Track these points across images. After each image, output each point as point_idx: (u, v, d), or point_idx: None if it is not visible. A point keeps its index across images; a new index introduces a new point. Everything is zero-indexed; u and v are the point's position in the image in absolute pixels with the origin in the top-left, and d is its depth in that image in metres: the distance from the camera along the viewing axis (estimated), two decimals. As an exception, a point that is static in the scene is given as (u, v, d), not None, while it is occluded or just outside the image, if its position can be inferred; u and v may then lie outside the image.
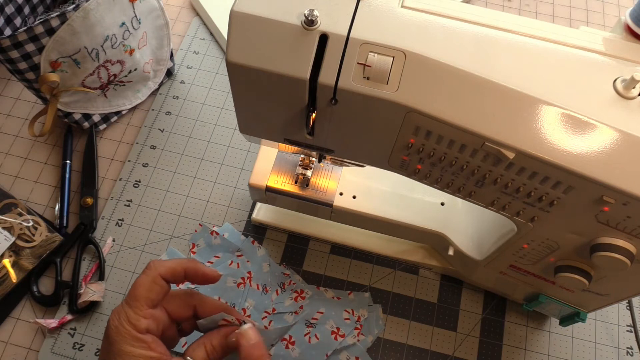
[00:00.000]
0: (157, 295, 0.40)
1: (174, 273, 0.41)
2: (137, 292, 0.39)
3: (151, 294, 0.39)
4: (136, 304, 0.39)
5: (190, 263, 0.42)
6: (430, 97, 0.38)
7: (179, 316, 0.42)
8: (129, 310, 0.38)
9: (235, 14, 0.39)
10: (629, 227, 0.39)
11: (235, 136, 0.72)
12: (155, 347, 0.38)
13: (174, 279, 0.41)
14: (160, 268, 0.40)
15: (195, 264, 0.42)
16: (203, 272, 0.42)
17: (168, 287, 0.41)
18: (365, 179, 0.61)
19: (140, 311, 0.38)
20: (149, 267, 0.40)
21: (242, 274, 0.61)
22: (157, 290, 0.40)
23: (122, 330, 0.38)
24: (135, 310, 0.38)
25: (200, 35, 0.81)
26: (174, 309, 0.42)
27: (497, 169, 0.40)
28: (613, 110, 0.37)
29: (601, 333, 0.61)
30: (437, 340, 0.60)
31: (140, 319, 0.38)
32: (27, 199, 0.67)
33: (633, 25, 0.41)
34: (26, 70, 0.59)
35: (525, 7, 0.86)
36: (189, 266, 0.41)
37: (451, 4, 0.41)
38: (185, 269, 0.41)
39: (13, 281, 0.61)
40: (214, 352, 0.39)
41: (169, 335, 0.42)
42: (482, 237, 0.55)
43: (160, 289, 0.40)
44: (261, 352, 0.39)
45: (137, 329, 0.38)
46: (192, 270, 0.41)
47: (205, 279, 0.42)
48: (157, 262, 0.41)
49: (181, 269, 0.41)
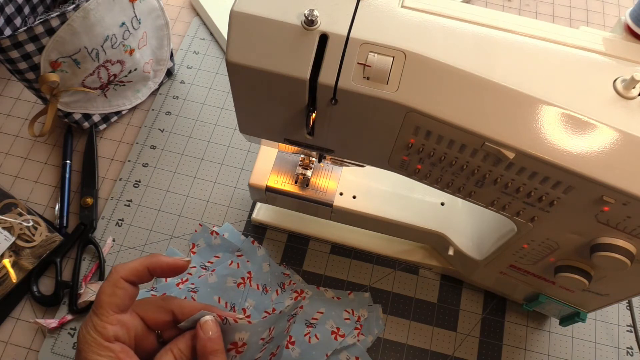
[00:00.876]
0: (122, 300, 0.38)
1: (136, 273, 0.39)
2: (100, 299, 0.38)
3: (115, 299, 0.38)
4: (101, 310, 0.37)
5: (151, 259, 0.40)
6: (430, 97, 0.38)
7: (156, 322, 0.41)
8: (95, 318, 0.37)
9: (235, 14, 0.39)
10: (629, 227, 0.39)
11: (235, 136, 0.72)
12: (123, 357, 0.36)
13: (139, 279, 0.40)
14: (121, 271, 0.39)
15: (157, 257, 0.40)
16: (167, 263, 0.40)
17: (134, 290, 0.40)
18: (365, 179, 0.61)
19: (106, 317, 0.37)
20: (111, 272, 0.39)
21: (242, 274, 0.61)
22: (121, 294, 0.38)
23: (89, 338, 0.36)
24: (101, 317, 0.37)
25: (200, 35, 0.81)
26: (149, 315, 0.40)
27: (497, 169, 0.40)
28: (613, 110, 0.37)
29: (601, 333, 0.61)
30: (437, 340, 0.60)
31: (107, 326, 0.37)
32: (27, 199, 0.67)
33: (633, 25, 0.41)
34: (26, 70, 0.59)
35: (525, 7, 0.86)
36: (151, 262, 0.40)
37: (451, 4, 0.41)
38: (148, 266, 0.40)
39: (13, 281, 0.61)
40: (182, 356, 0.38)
41: (147, 345, 0.41)
42: (482, 237, 0.55)
43: (124, 292, 0.38)
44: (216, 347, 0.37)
45: (103, 336, 0.36)
46: (155, 265, 0.40)
47: (173, 269, 0.41)
48: (119, 266, 0.39)
49: (143, 267, 0.39)
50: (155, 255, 0.41)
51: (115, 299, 0.38)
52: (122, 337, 0.38)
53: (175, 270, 0.41)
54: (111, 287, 0.38)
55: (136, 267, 0.39)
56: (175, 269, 0.41)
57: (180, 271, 0.41)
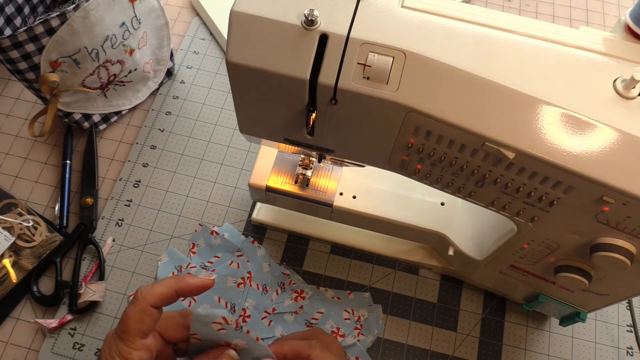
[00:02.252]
0: (148, 326, 0.38)
1: (164, 298, 0.39)
2: (128, 325, 0.37)
3: (142, 325, 0.38)
4: (127, 337, 0.37)
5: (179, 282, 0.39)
6: (430, 97, 0.38)
7: (174, 338, 0.41)
8: (120, 344, 0.37)
9: (235, 14, 0.39)
10: (629, 227, 0.39)
11: (235, 136, 0.72)
12: None
13: (167, 303, 0.39)
14: (149, 298, 0.38)
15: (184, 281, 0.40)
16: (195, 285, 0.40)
17: (159, 314, 0.40)
18: (365, 179, 0.61)
19: (132, 344, 0.37)
20: (137, 298, 0.38)
21: (242, 274, 0.61)
22: (148, 320, 0.38)
23: None
24: (127, 344, 0.37)
25: (200, 35, 0.81)
26: (169, 332, 0.40)
27: (497, 169, 0.40)
28: (613, 110, 0.37)
29: (601, 333, 0.61)
30: (437, 340, 0.60)
31: (132, 352, 0.37)
32: (27, 199, 0.67)
33: (633, 25, 0.41)
34: (26, 70, 0.59)
35: (525, 7, 0.86)
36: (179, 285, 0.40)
37: (451, 4, 0.41)
38: (176, 290, 0.40)
39: (13, 281, 0.61)
40: None
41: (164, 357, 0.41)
42: (482, 237, 0.55)
43: (151, 319, 0.38)
44: None
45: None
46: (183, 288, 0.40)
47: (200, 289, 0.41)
48: (146, 291, 0.39)
49: (171, 291, 0.39)
50: (182, 278, 0.40)
51: (142, 325, 0.38)
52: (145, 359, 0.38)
53: (203, 289, 0.41)
54: (139, 314, 0.38)
55: (164, 293, 0.39)
56: (202, 288, 0.41)
57: (207, 289, 0.41)
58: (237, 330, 0.39)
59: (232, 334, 0.39)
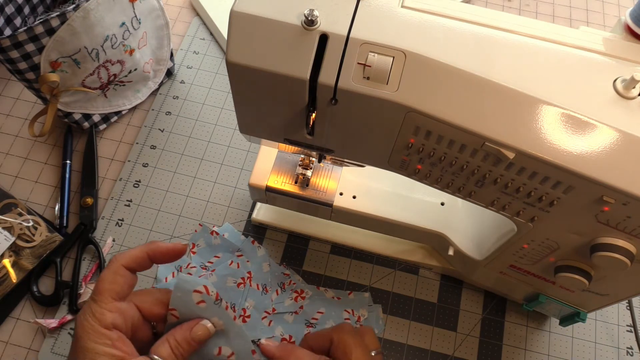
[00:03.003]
0: (121, 287, 0.38)
1: (137, 260, 0.40)
2: (100, 286, 0.38)
3: (115, 286, 0.38)
4: (100, 297, 0.37)
5: (150, 245, 0.40)
6: (430, 97, 0.38)
7: (153, 314, 0.40)
8: (94, 305, 0.37)
9: (235, 14, 0.39)
10: (629, 227, 0.39)
11: (235, 136, 0.72)
12: (120, 346, 0.36)
13: (139, 266, 0.40)
14: (122, 259, 0.39)
15: (155, 244, 0.41)
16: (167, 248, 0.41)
17: (133, 278, 0.40)
18: (365, 179, 0.61)
19: (105, 304, 0.37)
20: (111, 260, 0.39)
21: (242, 274, 0.61)
22: (121, 281, 0.38)
23: (87, 325, 0.36)
24: (100, 304, 0.37)
25: (200, 35, 0.81)
26: (147, 306, 0.40)
27: (497, 169, 0.40)
28: (613, 110, 0.37)
29: (601, 333, 0.61)
30: (437, 340, 0.60)
31: (105, 313, 0.37)
32: (27, 199, 0.67)
33: (633, 25, 0.41)
34: (26, 70, 0.59)
35: (525, 7, 0.86)
36: (150, 248, 0.40)
37: (451, 4, 0.41)
38: (147, 252, 0.40)
39: (13, 281, 0.61)
40: (178, 347, 0.38)
41: (142, 336, 0.41)
42: (482, 237, 0.55)
43: (124, 279, 0.39)
44: None
45: (101, 323, 0.36)
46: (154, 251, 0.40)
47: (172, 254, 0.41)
48: (119, 254, 0.40)
49: (143, 254, 0.40)
50: (154, 242, 0.41)
51: (115, 286, 0.38)
52: (119, 325, 0.38)
53: (175, 254, 0.41)
54: (112, 275, 0.38)
55: (136, 255, 0.40)
56: (174, 254, 0.41)
57: (179, 255, 0.42)
58: (216, 303, 0.39)
59: (210, 311, 0.39)
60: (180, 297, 0.39)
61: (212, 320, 0.39)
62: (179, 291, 0.39)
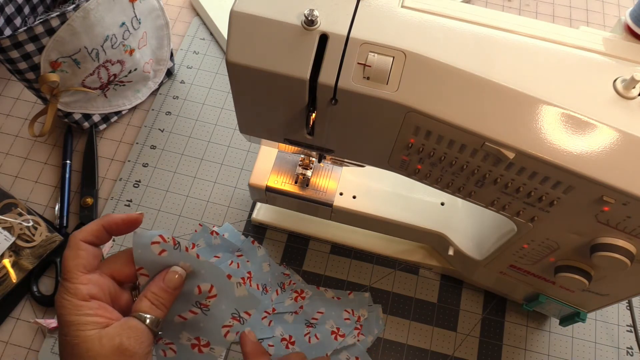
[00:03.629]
0: (86, 260, 0.39)
1: (94, 233, 0.40)
2: (65, 263, 0.38)
3: (79, 260, 0.38)
4: (69, 275, 0.38)
5: (105, 217, 0.41)
6: (430, 97, 0.38)
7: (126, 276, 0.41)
8: (65, 283, 0.38)
9: (235, 14, 0.39)
10: (629, 227, 0.39)
11: (235, 136, 0.72)
12: (102, 313, 0.37)
13: (98, 239, 0.40)
14: (78, 234, 0.40)
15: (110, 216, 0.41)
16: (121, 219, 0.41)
17: (96, 250, 0.40)
18: (365, 179, 0.61)
19: (76, 279, 0.38)
20: (69, 238, 0.40)
21: (242, 274, 0.61)
22: (84, 254, 0.39)
23: (64, 302, 0.37)
24: (71, 280, 0.38)
25: (200, 35, 0.81)
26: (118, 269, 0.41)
27: (497, 169, 0.40)
28: (613, 110, 0.37)
29: (601, 333, 0.61)
30: (437, 340, 0.60)
31: (79, 286, 0.37)
32: (27, 199, 0.67)
33: (633, 25, 0.41)
34: (26, 70, 0.59)
35: (525, 7, 0.86)
36: (105, 221, 0.41)
37: (451, 4, 0.41)
38: (103, 224, 0.41)
39: (13, 281, 0.61)
40: (157, 298, 0.38)
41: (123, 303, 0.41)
42: (482, 237, 0.55)
43: (86, 252, 0.39)
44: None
45: (78, 297, 0.37)
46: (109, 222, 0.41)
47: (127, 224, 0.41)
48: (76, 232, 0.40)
49: (98, 226, 0.40)
50: (108, 214, 0.42)
51: (79, 260, 0.38)
52: (97, 295, 0.38)
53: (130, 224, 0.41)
54: (73, 251, 0.39)
55: (92, 228, 0.40)
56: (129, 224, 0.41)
57: (135, 224, 0.42)
58: (176, 248, 0.40)
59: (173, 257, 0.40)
60: (141, 253, 0.39)
61: (180, 265, 0.40)
62: (139, 248, 0.39)
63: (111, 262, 0.41)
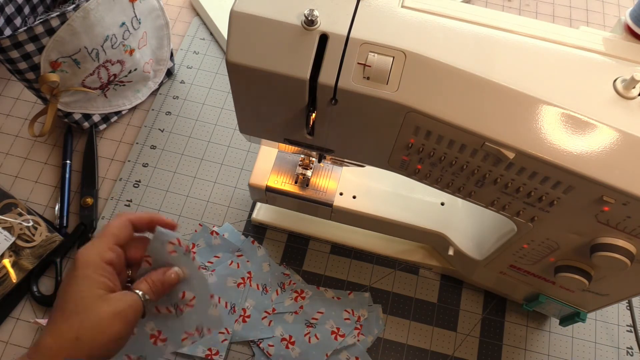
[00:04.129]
0: (124, 237, 0.43)
1: (142, 220, 0.45)
2: (108, 229, 0.43)
3: (120, 232, 0.43)
4: (105, 239, 0.42)
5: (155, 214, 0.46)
6: (430, 97, 0.38)
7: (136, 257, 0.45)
8: (98, 242, 0.42)
9: (235, 14, 0.39)
10: (629, 227, 0.39)
11: (235, 136, 0.72)
12: (113, 279, 0.42)
13: (140, 226, 0.45)
14: (130, 214, 0.45)
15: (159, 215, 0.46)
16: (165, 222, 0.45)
17: (133, 234, 0.45)
18: (365, 179, 0.61)
19: (108, 245, 0.42)
20: (119, 214, 0.45)
21: (242, 274, 0.61)
22: (125, 232, 0.43)
23: (90, 258, 0.41)
24: (104, 243, 0.42)
25: (200, 35, 0.81)
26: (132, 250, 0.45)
27: (497, 169, 0.40)
28: (613, 110, 0.37)
29: (601, 333, 0.61)
30: (437, 340, 0.60)
31: (107, 251, 0.42)
32: (27, 199, 0.67)
33: (633, 25, 0.41)
34: (26, 70, 0.59)
35: (525, 7, 0.86)
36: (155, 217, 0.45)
37: (451, 4, 0.41)
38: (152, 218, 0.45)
39: (13, 281, 0.61)
40: (154, 285, 0.43)
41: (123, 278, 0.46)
42: (482, 237, 0.55)
43: (127, 231, 0.44)
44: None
45: (103, 258, 0.41)
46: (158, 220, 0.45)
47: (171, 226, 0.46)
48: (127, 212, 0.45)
49: (148, 217, 0.45)
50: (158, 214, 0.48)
51: (120, 232, 0.43)
52: (115, 264, 0.42)
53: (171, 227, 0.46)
54: (120, 224, 0.44)
55: (142, 216, 0.45)
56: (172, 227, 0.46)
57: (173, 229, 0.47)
58: (185, 254, 0.44)
59: (180, 260, 0.44)
60: (156, 246, 0.44)
61: (181, 268, 0.44)
62: (157, 241, 0.44)
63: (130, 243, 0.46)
